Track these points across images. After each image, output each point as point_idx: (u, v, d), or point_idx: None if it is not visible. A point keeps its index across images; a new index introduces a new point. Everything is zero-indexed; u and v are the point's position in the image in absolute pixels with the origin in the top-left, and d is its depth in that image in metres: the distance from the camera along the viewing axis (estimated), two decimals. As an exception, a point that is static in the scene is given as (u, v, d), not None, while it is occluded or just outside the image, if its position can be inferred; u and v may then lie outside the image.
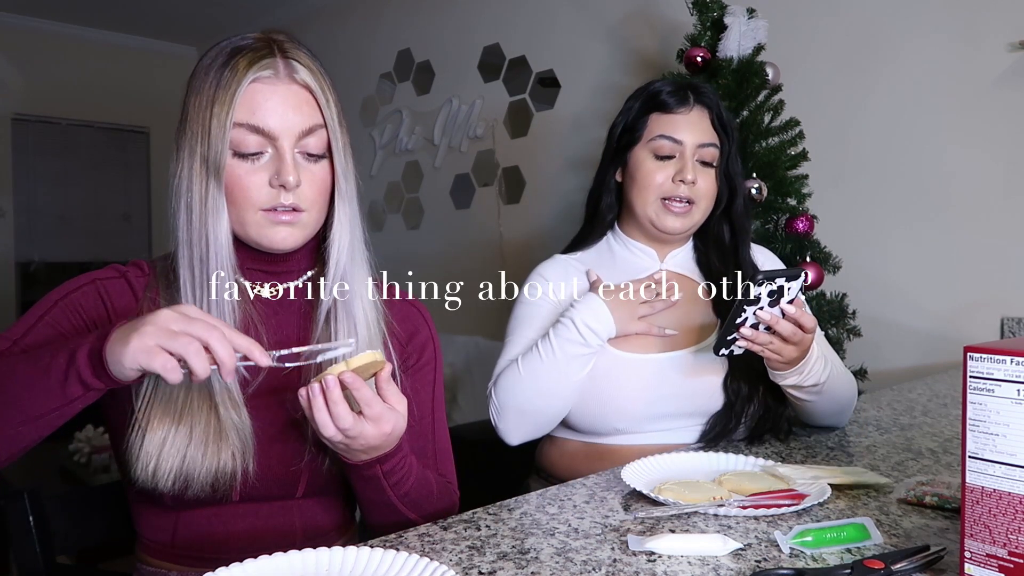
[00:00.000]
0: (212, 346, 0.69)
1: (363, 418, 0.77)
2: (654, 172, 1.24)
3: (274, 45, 0.85)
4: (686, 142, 1.23)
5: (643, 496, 0.88)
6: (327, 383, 0.75)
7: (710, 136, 1.25)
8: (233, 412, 0.84)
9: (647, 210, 1.25)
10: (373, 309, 0.94)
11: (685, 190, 1.23)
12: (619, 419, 1.20)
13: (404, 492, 0.88)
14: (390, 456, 0.84)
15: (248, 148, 0.84)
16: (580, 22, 3.04)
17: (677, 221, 1.24)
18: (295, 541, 0.90)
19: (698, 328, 1.26)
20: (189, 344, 0.68)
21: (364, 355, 0.76)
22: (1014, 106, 1.96)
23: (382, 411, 0.78)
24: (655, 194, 1.24)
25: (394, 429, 0.80)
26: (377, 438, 0.79)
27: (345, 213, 0.91)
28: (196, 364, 0.69)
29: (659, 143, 1.24)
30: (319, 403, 0.76)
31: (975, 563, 0.61)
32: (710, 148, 1.24)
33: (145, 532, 0.92)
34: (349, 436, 0.77)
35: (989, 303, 2.00)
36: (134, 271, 0.91)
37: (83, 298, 0.87)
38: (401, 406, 0.81)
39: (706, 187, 1.25)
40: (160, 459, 0.81)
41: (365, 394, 0.77)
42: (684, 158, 1.23)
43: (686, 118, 1.24)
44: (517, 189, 3.35)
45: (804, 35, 2.35)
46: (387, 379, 0.80)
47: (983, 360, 0.59)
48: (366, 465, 0.84)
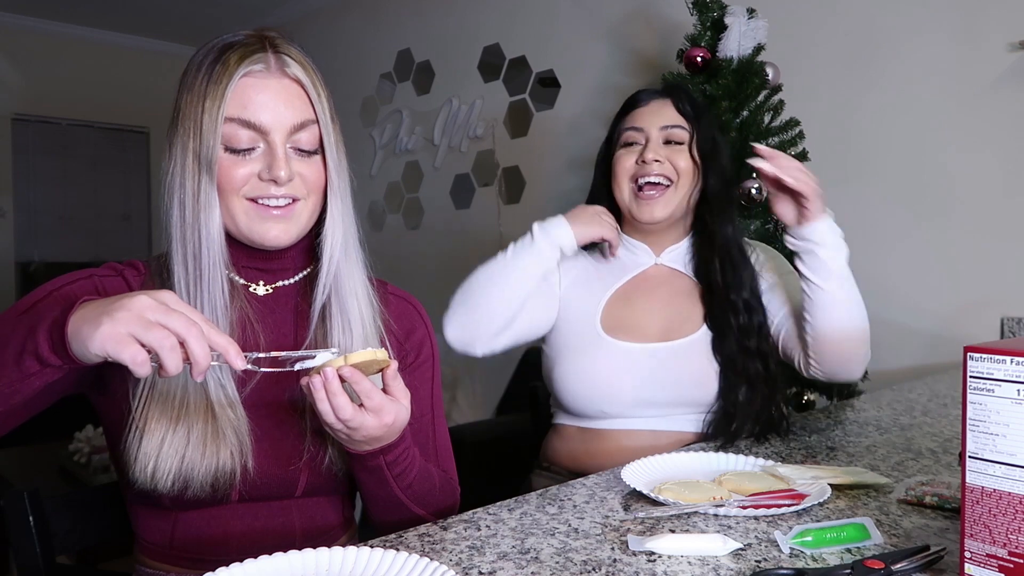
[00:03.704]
0: (188, 343, 0.65)
1: (364, 410, 0.78)
2: (622, 158, 1.30)
3: (265, 41, 0.85)
4: (647, 127, 1.29)
5: (643, 496, 0.88)
6: (326, 375, 0.75)
7: (674, 118, 1.29)
8: (230, 411, 0.84)
9: (623, 198, 1.30)
10: (369, 306, 0.94)
11: (655, 168, 1.26)
12: (606, 403, 1.23)
13: (407, 484, 0.88)
14: (393, 447, 0.84)
15: (240, 143, 0.83)
16: (580, 22, 3.04)
17: (654, 207, 1.27)
18: (294, 541, 0.90)
19: (688, 320, 1.28)
20: (165, 338, 0.64)
21: (364, 352, 0.76)
22: (1014, 106, 1.96)
23: (382, 402, 0.78)
24: (625, 178, 1.29)
25: (396, 420, 0.80)
26: (378, 429, 0.79)
27: (338, 208, 0.90)
28: (169, 361, 0.64)
29: (625, 135, 1.31)
30: (320, 395, 0.76)
31: (975, 563, 0.61)
32: (675, 129, 1.29)
33: (143, 534, 0.92)
34: (350, 427, 0.78)
35: (989, 303, 2.00)
36: (130, 270, 0.91)
37: (79, 291, 0.85)
38: (405, 399, 0.81)
39: (683, 165, 1.28)
40: (159, 460, 0.81)
41: (364, 386, 0.77)
42: (649, 142, 1.28)
43: (647, 108, 1.31)
44: (517, 189, 3.35)
45: (804, 35, 2.35)
46: (393, 375, 0.80)
47: (983, 360, 0.59)
48: (369, 455, 0.84)
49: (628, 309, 1.29)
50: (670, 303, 1.29)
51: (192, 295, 0.84)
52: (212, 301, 0.85)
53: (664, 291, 1.31)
